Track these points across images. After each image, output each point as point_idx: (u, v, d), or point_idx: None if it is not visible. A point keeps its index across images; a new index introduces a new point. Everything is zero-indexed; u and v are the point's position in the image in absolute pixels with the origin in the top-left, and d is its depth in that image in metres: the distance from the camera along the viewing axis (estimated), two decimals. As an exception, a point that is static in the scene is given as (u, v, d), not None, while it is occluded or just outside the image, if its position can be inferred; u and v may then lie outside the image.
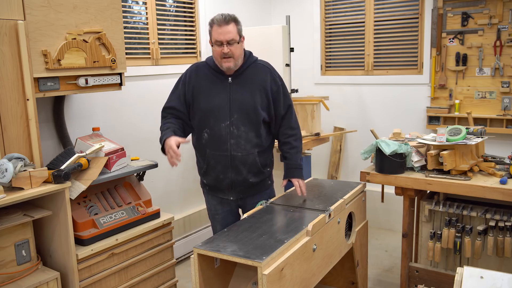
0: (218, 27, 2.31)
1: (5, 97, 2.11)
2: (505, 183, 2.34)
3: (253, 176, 2.48)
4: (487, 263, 2.52)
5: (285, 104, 2.50)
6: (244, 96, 2.40)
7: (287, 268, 1.85)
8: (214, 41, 2.34)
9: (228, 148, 2.40)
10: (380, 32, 4.15)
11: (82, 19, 2.39)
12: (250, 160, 2.44)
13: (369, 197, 3.10)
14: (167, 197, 3.64)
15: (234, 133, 2.39)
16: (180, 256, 3.63)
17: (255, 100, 2.40)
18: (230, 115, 2.39)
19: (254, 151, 2.45)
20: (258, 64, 2.48)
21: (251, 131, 2.42)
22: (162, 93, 3.52)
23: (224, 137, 2.40)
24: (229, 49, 2.31)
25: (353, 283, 2.84)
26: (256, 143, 2.45)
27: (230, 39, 2.30)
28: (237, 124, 2.39)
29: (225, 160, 2.42)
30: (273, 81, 2.46)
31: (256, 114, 2.41)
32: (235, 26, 2.34)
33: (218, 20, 2.32)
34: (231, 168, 2.43)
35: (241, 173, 2.44)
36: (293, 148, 2.52)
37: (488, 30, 3.57)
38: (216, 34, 2.32)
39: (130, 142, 3.26)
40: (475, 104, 3.72)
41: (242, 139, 2.40)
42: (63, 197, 2.22)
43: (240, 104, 2.39)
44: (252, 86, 2.42)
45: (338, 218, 2.37)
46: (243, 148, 2.41)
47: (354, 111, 4.36)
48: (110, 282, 2.48)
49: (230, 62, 2.34)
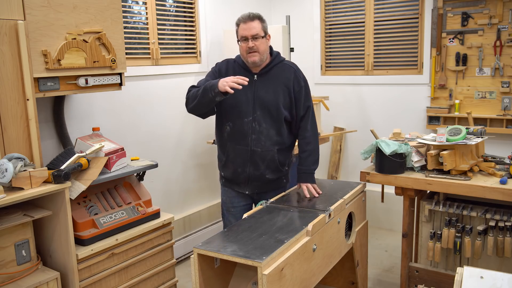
0: (243, 23, 2.43)
1: (5, 97, 2.11)
2: (505, 183, 2.34)
3: (270, 172, 2.55)
4: (487, 263, 2.52)
5: (305, 105, 2.55)
6: (268, 94, 2.47)
7: (287, 268, 1.85)
8: (240, 37, 2.45)
9: (248, 143, 2.49)
10: (380, 32, 4.15)
11: (82, 19, 2.40)
12: (269, 156, 2.51)
13: (369, 197, 3.10)
14: (167, 197, 3.64)
15: (255, 128, 2.47)
16: (180, 256, 3.64)
17: (278, 99, 2.48)
18: (253, 111, 2.47)
19: (274, 148, 2.52)
20: (284, 64, 2.55)
21: (272, 129, 2.50)
22: (162, 93, 3.54)
23: (246, 131, 2.49)
24: (254, 43, 2.40)
25: (353, 283, 2.84)
26: (276, 140, 2.52)
27: (255, 34, 2.41)
28: (259, 121, 2.47)
29: (244, 154, 2.50)
30: (297, 81, 2.52)
31: (278, 113, 2.48)
32: (259, 23, 2.44)
33: (243, 17, 2.44)
34: (249, 163, 2.51)
35: (259, 168, 2.52)
36: (304, 151, 2.57)
37: (488, 30, 3.57)
38: (241, 30, 2.44)
39: (130, 142, 3.26)
40: (475, 104, 3.72)
41: (263, 135, 2.48)
42: (63, 197, 2.22)
43: (263, 102, 2.46)
44: (276, 85, 2.49)
45: (338, 218, 2.37)
46: (263, 144, 2.49)
47: (354, 111, 4.36)
48: (110, 282, 2.48)
49: (255, 56, 2.42)
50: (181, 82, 3.70)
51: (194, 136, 3.84)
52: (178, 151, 3.72)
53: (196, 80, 3.78)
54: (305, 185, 2.56)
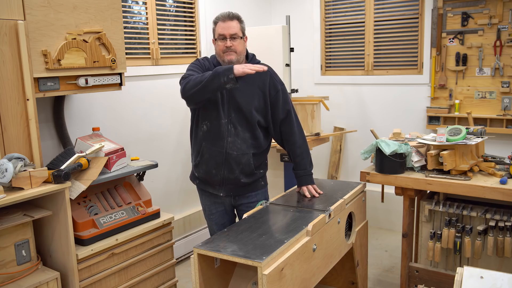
0: (222, 22, 2.39)
1: (5, 97, 2.11)
2: (505, 183, 2.34)
3: (245, 176, 2.48)
4: (487, 263, 2.52)
5: (284, 109, 2.49)
6: (242, 98, 2.41)
7: (287, 268, 1.85)
8: (217, 35, 2.40)
9: (224, 145, 2.42)
10: (380, 32, 4.15)
11: (82, 19, 2.39)
12: (244, 160, 2.44)
13: (369, 197, 3.10)
14: (167, 197, 3.64)
15: (231, 131, 2.41)
16: (180, 256, 3.64)
17: (252, 103, 2.42)
18: (228, 114, 2.41)
19: (249, 152, 2.45)
20: None
21: (247, 132, 2.44)
22: (162, 93, 3.54)
23: (222, 133, 2.41)
24: (232, 43, 2.37)
25: (353, 283, 2.84)
26: (252, 144, 2.46)
27: (233, 33, 2.37)
28: (234, 123, 2.42)
29: (219, 157, 2.43)
30: (273, 85, 2.47)
31: (251, 116, 2.43)
32: (238, 23, 2.41)
33: (222, 15, 2.40)
34: (224, 166, 2.44)
35: (234, 172, 2.45)
36: (297, 156, 2.54)
37: (488, 30, 3.57)
38: (220, 29, 2.39)
39: (130, 142, 3.26)
40: (475, 104, 3.72)
41: (239, 139, 2.42)
42: (63, 197, 2.22)
43: (237, 105, 2.41)
44: (252, 88, 2.43)
45: (338, 218, 2.37)
46: (239, 148, 2.42)
47: (354, 111, 4.36)
48: (110, 282, 2.48)
49: (232, 55, 2.38)
50: (181, 82, 3.69)
51: (194, 136, 3.84)
52: (178, 151, 3.72)
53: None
54: (305, 187, 2.56)
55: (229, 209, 2.61)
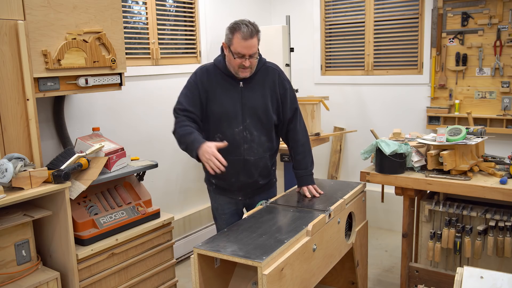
0: (243, 40, 2.23)
1: (5, 97, 2.11)
2: (505, 183, 2.34)
3: (262, 178, 2.52)
4: (487, 263, 2.52)
5: (292, 107, 2.51)
6: (256, 101, 2.40)
7: (287, 268, 1.85)
8: (235, 52, 2.27)
9: (241, 153, 2.41)
10: (380, 32, 4.15)
11: (82, 19, 2.39)
12: (262, 163, 2.47)
13: (369, 197, 3.10)
14: (167, 197, 3.64)
15: (247, 138, 2.40)
16: (180, 256, 3.63)
17: (267, 104, 2.42)
18: (243, 120, 2.38)
19: (266, 154, 2.48)
20: (268, 67, 2.47)
21: (263, 135, 2.44)
22: (162, 93, 3.54)
23: (237, 141, 2.39)
24: (250, 61, 2.29)
25: (353, 283, 2.84)
26: (268, 146, 2.49)
27: (253, 53, 2.28)
28: (250, 129, 2.39)
29: (237, 164, 2.42)
30: (281, 83, 2.47)
31: (268, 118, 2.43)
32: (257, 38, 2.30)
33: (244, 33, 2.23)
34: (243, 172, 2.44)
35: (253, 176, 2.47)
36: (299, 154, 2.54)
37: (488, 30, 3.57)
38: (240, 47, 2.25)
39: (130, 142, 3.26)
40: (475, 104, 3.72)
41: (255, 144, 2.42)
42: (63, 197, 2.22)
43: (252, 109, 2.39)
44: (263, 89, 2.42)
45: (338, 218, 2.37)
46: (256, 152, 2.43)
47: (354, 111, 4.36)
48: (110, 282, 2.48)
49: (247, 72, 2.34)
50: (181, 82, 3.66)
51: (194, 136, 3.84)
52: (178, 151, 3.68)
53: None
54: (306, 187, 2.55)
55: (240, 210, 2.64)
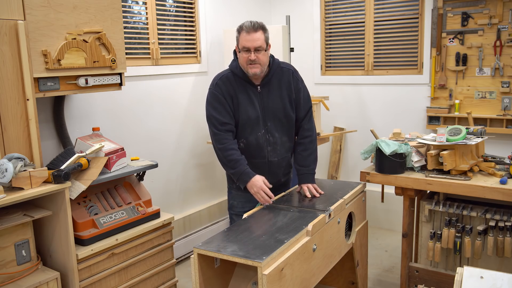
0: (246, 34, 2.32)
1: (5, 97, 2.11)
2: (505, 183, 2.34)
3: (284, 176, 2.63)
4: (487, 263, 2.52)
5: (306, 106, 2.58)
6: (275, 103, 2.47)
7: (287, 268, 1.85)
8: (241, 47, 2.36)
9: (265, 155, 2.51)
10: (380, 32, 4.15)
11: (82, 19, 2.40)
12: (284, 163, 2.58)
13: (369, 197, 3.10)
14: (167, 197, 3.64)
15: (270, 140, 2.49)
16: (180, 256, 3.63)
17: (285, 105, 2.50)
18: (264, 124, 2.47)
19: (288, 154, 2.59)
20: (282, 68, 2.53)
21: (284, 136, 2.53)
22: (162, 93, 3.54)
23: (261, 145, 2.48)
24: (256, 56, 2.33)
25: (353, 283, 2.84)
26: (289, 146, 2.59)
27: (258, 46, 2.32)
28: (271, 132, 2.48)
29: (262, 166, 2.51)
30: (296, 83, 2.55)
31: (288, 119, 2.52)
32: (263, 33, 2.35)
33: (247, 27, 2.33)
34: (268, 173, 2.50)
35: (277, 176, 2.57)
36: (306, 150, 2.58)
37: (488, 30, 3.57)
38: (244, 41, 2.33)
39: (130, 142, 3.26)
40: (475, 104, 3.72)
41: (278, 145, 2.51)
42: (63, 197, 2.22)
43: (272, 112, 2.47)
44: (280, 91, 2.49)
45: (338, 218, 2.37)
46: (279, 153, 2.53)
47: (354, 111, 4.36)
48: (110, 282, 2.48)
49: (256, 68, 2.36)
50: (181, 82, 3.70)
51: (194, 136, 3.84)
52: (178, 151, 3.72)
53: (196, 81, 3.80)
54: (306, 186, 2.56)
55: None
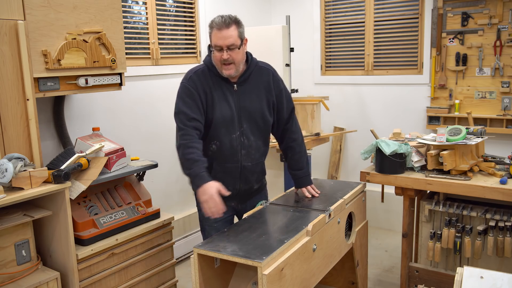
0: (217, 31, 2.14)
1: (5, 97, 2.11)
2: (505, 183, 2.34)
3: (256, 183, 2.47)
4: (487, 263, 2.52)
5: (288, 107, 2.44)
6: (252, 104, 2.31)
7: (287, 268, 1.85)
8: (213, 45, 2.18)
9: (239, 159, 2.32)
10: (380, 32, 4.15)
11: (82, 19, 2.39)
12: (258, 168, 2.42)
13: (369, 197, 3.10)
14: (167, 197, 3.64)
15: (245, 143, 2.31)
16: (180, 256, 3.63)
17: (263, 107, 2.33)
18: (239, 125, 2.29)
19: (262, 159, 2.44)
20: (261, 67, 2.37)
21: (260, 140, 2.37)
22: (162, 93, 3.54)
23: (235, 148, 2.30)
24: (229, 54, 2.15)
25: (353, 283, 2.84)
26: (264, 151, 2.44)
27: (230, 44, 2.14)
28: (247, 134, 2.31)
29: (235, 171, 2.34)
30: (276, 83, 2.39)
31: (265, 122, 2.36)
32: (236, 29, 2.16)
33: (217, 23, 2.15)
34: (240, 179, 2.37)
35: (249, 182, 2.41)
36: (296, 153, 2.49)
37: (488, 30, 3.57)
38: (215, 39, 2.16)
39: (130, 142, 3.26)
40: (475, 104, 3.72)
41: (252, 149, 2.34)
42: (63, 197, 2.22)
43: (249, 113, 2.30)
44: (258, 91, 2.33)
45: (338, 218, 2.37)
46: (253, 158, 2.36)
47: (354, 111, 4.36)
48: (110, 282, 2.48)
49: (231, 69, 2.20)
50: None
51: (194, 136, 3.83)
52: (178, 151, 3.72)
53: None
54: (305, 188, 2.54)
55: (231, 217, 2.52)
